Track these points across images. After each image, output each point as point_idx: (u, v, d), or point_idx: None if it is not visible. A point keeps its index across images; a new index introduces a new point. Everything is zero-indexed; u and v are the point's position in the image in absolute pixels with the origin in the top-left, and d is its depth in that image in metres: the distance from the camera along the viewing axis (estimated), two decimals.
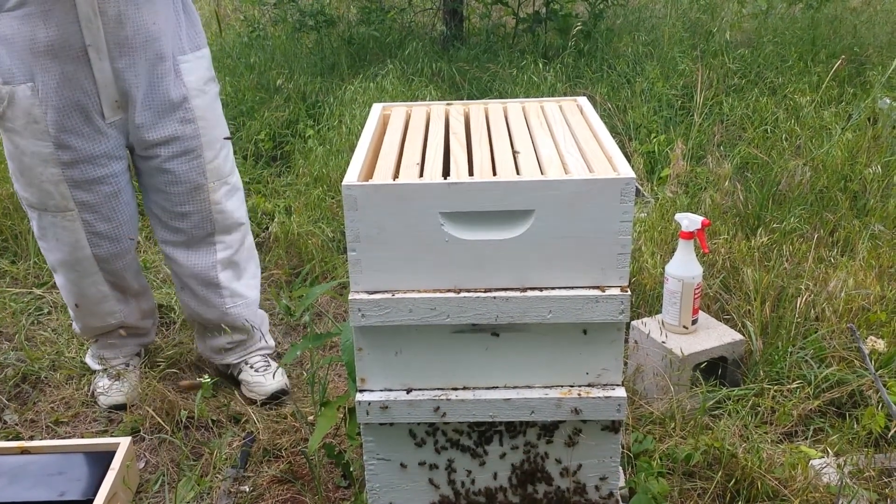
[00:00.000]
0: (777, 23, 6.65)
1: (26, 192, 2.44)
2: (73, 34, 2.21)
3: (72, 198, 2.40)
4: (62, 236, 2.46)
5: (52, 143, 2.32)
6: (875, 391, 2.43)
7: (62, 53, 2.23)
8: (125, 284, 2.63)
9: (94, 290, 2.58)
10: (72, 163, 2.36)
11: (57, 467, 2.26)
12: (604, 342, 1.71)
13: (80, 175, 2.38)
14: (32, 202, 2.45)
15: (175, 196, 2.51)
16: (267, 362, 2.76)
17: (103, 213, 2.46)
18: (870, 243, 3.29)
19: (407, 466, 1.83)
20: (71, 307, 2.67)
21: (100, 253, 2.51)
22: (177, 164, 2.47)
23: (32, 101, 2.27)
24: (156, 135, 2.42)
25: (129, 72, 2.31)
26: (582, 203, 1.59)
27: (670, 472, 2.26)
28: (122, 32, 2.26)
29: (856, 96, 4.90)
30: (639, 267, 3.10)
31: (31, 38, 2.21)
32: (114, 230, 2.50)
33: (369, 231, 1.62)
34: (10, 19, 2.21)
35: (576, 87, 5.30)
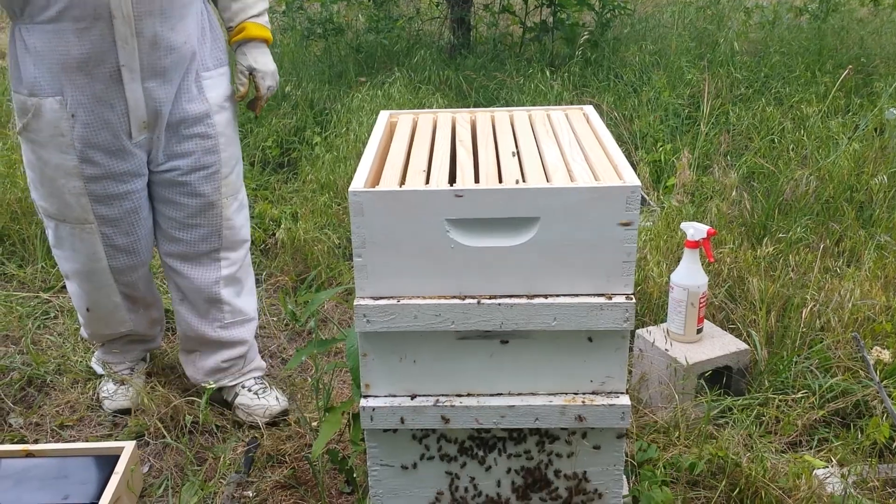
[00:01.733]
0: (783, 33, 6.66)
1: (45, 202, 2.43)
2: (107, 53, 2.20)
3: (92, 211, 2.39)
4: (79, 247, 2.45)
5: (76, 156, 2.31)
6: (880, 401, 2.42)
7: (94, 71, 2.21)
8: (138, 295, 2.62)
9: (107, 300, 2.57)
10: (95, 178, 2.34)
11: (61, 471, 2.27)
12: (608, 350, 1.71)
13: (102, 190, 2.37)
14: (51, 212, 2.44)
15: (187, 208, 2.49)
16: (263, 384, 2.72)
17: (122, 228, 2.45)
18: (876, 254, 3.29)
19: (410, 473, 1.83)
20: (81, 313, 2.66)
21: (116, 265, 2.50)
22: (194, 177, 2.46)
23: (60, 114, 2.26)
24: (176, 148, 2.42)
25: (160, 91, 2.30)
26: (587, 211, 1.60)
27: (674, 481, 2.25)
28: (156, 53, 2.25)
29: (862, 107, 4.89)
30: (644, 275, 3.10)
31: (64, 53, 2.19)
32: (132, 244, 2.49)
33: (375, 237, 1.62)
34: (42, 32, 2.19)
35: (582, 95, 5.30)
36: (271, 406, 2.64)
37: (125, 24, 2.18)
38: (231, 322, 2.65)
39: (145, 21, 2.20)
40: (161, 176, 2.46)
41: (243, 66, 2.50)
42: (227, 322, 2.65)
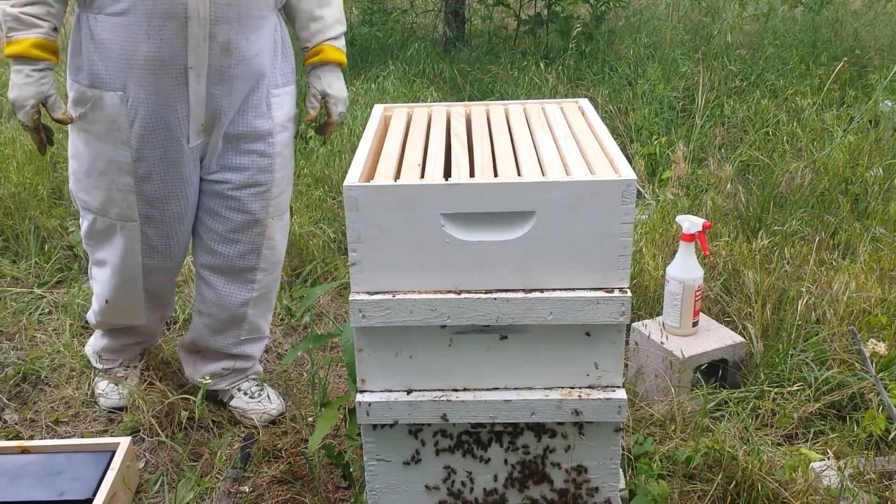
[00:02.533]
0: (778, 25, 6.66)
1: (88, 195, 2.35)
2: (177, 54, 2.14)
3: (137, 210, 2.32)
4: (116, 242, 2.39)
5: (131, 154, 2.24)
6: (876, 394, 2.43)
7: (161, 71, 2.15)
8: (161, 294, 2.58)
9: (130, 295, 2.51)
10: (147, 177, 2.28)
11: (57, 467, 2.26)
12: (604, 344, 1.71)
13: (152, 191, 2.31)
14: (92, 206, 2.36)
15: (231, 222, 2.43)
16: (260, 386, 2.68)
17: (163, 230, 2.38)
18: (871, 246, 3.29)
19: (407, 468, 1.83)
20: (99, 301, 2.57)
21: (150, 263, 2.43)
22: (244, 193, 2.40)
23: (120, 110, 2.20)
24: (232, 161, 2.36)
25: (224, 98, 2.25)
26: (583, 204, 1.59)
27: (670, 475, 2.26)
28: (227, 60, 2.20)
29: (857, 99, 4.90)
30: (640, 269, 3.10)
31: (131, 49, 2.13)
32: (169, 247, 2.43)
33: (370, 232, 1.62)
34: (110, 24, 2.13)
35: (577, 88, 5.30)
36: (268, 410, 2.62)
37: (200, 26, 2.12)
38: (246, 339, 2.62)
39: (221, 26, 2.15)
40: (210, 186, 2.40)
41: (317, 89, 2.44)
42: (243, 339, 2.62)
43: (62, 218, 3.83)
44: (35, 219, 3.77)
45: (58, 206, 3.94)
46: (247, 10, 2.18)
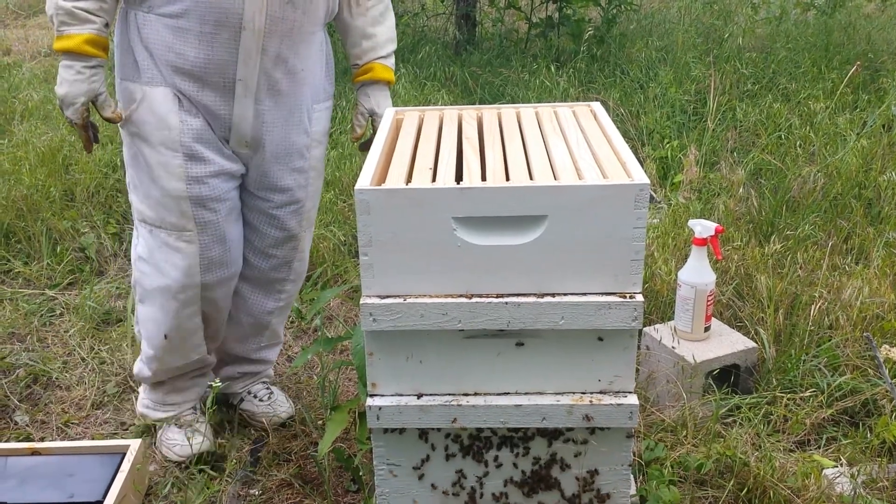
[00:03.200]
0: (790, 28, 6.63)
1: (144, 204, 2.24)
2: (227, 65, 2.09)
3: (193, 216, 2.20)
4: (174, 259, 2.24)
5: (182, 153, 2.15)
6: (889, 400, 2.41)
7: (208, 79, 2.11)
8: (218, 316, 2.41)
9: (190, 322, 2.33)
10: (200, 178, 2.18)
11: (67, 469, 2.26)
12: (616, 349, 1.70)
13: (207, 191, 2.20)
14: (148, 216, 2.24)
15: (269, 238, 2.40)
16: (270, 390, 2.68)
17: (219, 235, 2.26)
18: (884, 251, 3.27)
19: (417, 472, 1.82)
20: (154, 344, 2.37)
21: (209, 280, 2.28)
22: (284, 212, 2.37)
23: (171, 107, 2.12)
24: (276, 182, 2.32)
25: (269, 114, 2.21)
26: (595, 209, 1.59)
27: (682, 481, 2.24)
28: (276, 74, 2.16)
29: (870, 103, 4.87)
30: (651, 273, 3.09)
31: (180, 53, 2.08)
32: (225, 254, 2.29)
33: (381, 235, 1.61)
34: (159, 25, 2.08)
35: (588, 92, 5.29)
36: (278, 413, 2.62)
37: (254, 38, 2.08)
38: (266, 345, 2.63)
39: (273, 39, 2.11)
40: (252, 200, 2.35)
41: (365, 108, 2.41)
42: (263, 345, 2.62)
43: (74, 220, 3.84)
44: (47, 220, 3.78)
45: (70, 208, 3.95)
46: (300, 24, 2.15)
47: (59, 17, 2.01)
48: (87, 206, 3.98)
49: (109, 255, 3.71)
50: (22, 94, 5.73)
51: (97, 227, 3.83)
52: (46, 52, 7.62)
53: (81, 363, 2.96)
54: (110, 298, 3.39)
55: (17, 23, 9.29)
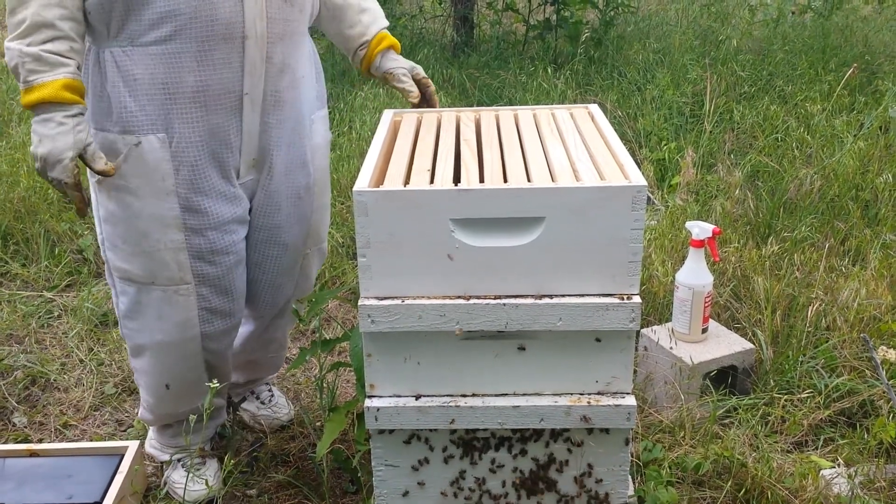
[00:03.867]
0: (787, 31, 6.64)
1: (128, 263, 2.02)
2: (232, 80, 1.91)
3: (191, 269, 2.02)
4: (169, 314, 2.06)
5: (178, 204, 1.95)
6: (886, 400, 2.42)
7: (213, 102, 1.91)
8: (222, 364, 2.25)
9: (192, 373, 2.18)
10: (199, 229, 2.00)
11: (65, 470, 2.26)
12: (614, 350, 1.70)
13: (206, 244, 2.02)
14: (134, 275, 2.03)
15: (275, 269, 2.25)
16: (271, 392, 2.67)
17: (222, 287, 2.09)
18: (881, 253, 3.28)
19: (415, 473, 1.82)
20: (153, 392, 2.22)
21: (209, 330, 2.12)
22: (290, 235, 2.21)
23: (163, 154, 1.91)
24: (280, 201, 2.14)
25: (276, 128, 2.05)
26: (593, 210, 1.59)
27: (679, 482, 2.25)
28: (281, 83, 2.01)
29: (867, 105, 4.88)
30: (649, 275, 3.10)
31: (175, 81, 1.86)
32: (229, 304, 2.13)
33: (380, 237, 1.62)
34: (145, 56, 1.85)
35: (586, 94, 5.30)
36: (279, 416, 2.61)
37: (258, 46, 1.91)
38: (273, 355, 2.58)
39: (276, 45, 1.95)
40: (258, 233, 2.18)
41: (403, 67, 2.24)
42: (271, 355, 2.57)
43: (72, 222, 3.84)
44: (45, 223, 3.78)
45: (68, 210, 3.95)
46: (297, 24, 2.02)
47: (27, 65, 1.75)
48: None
49: None
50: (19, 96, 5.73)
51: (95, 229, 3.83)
52: None
53: (79, 365, 2.96)
54: (108, 300, 3.38)
55: None
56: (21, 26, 1.74)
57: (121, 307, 2.12)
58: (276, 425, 2.61)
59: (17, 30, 1.75)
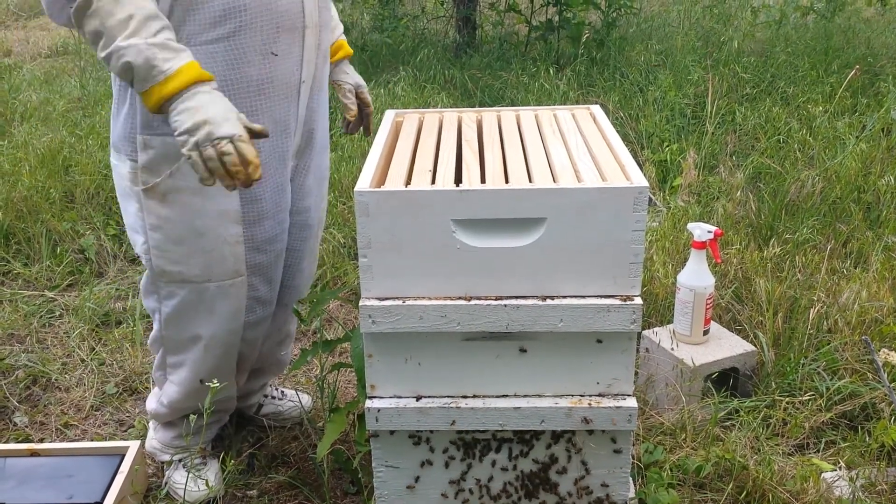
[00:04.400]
0: (790, 32, 6.64)
1: (182, 264, 2.01)
2: (293, 70, 1.95)
3: (245, 261, 2.05)
4: (221, 308, 2.08)
5: (238, 198, 1.98)
6: (888, 403, 2.41)
7: (276, 92, 1.94)
8: (251, 353, 2.28)
9: (227, 364, 2.20)
10: (257, 220, 2.03)
11: (66, 470, 2.26)
12: (615, 351, 1.70)
13: (262, 234, 2.05)
14: (188, 275, 2.03)
15: (302, 252, 2.28)
16: (277, 389, 2.66)
17: (269, 275, 2.14)
18: (883, 255, 3.27)
19: (415, 474, 1.82)
20: (186, 386, 2.21)
21: (251, 319, 2.16)
22: (315, 218, 2.26)
23: None
24: (311, 186, 2.19)
25: (317, 112, 2.11)
26: (594, 211, 1.59)
27: (681, 484, 2.24)
28: (324, 69, 2.08)
29: (869, 107, 4.88)
30: (650, 276, 3.09)
31: (238, 76, 1.87)
32: (271, 292, 2.18)
33: (381, 237, 1.62)
34: (205, 56, 1.83)
35: (588, 95, 5.29)
36: (303, 404, 2.59)
37: (313, 35, 1.96)
38: (284, 351, 2.54)
39: (323, 32, 2.01)
40: (292, 217, 2.19)
41: (350, 83, 2.31)
42: (283, 353, 2.53)
43: (74, 221, 3.85)
44: (47, 222, 3.78)
45: (69, 210, 3.95)
46: (328, 12, 2.08)
47: (158, 55, 1.67)
48: (87, 207, 3.98)
49: (109, 256, 3.71)
50: (22, 95, 5.74)
51: (97, 228, 3.84)
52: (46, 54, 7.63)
53: (81, 364, 2.96)
54: (110, 300, 3.39)
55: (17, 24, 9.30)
56: (130, 23, 1.67)
57: (165, 311, 2.11)
58: (302, 415, 2.59)
59: (126, 28, 1.67)
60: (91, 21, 1.67)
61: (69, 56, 7.32)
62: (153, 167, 1.92)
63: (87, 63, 6.46)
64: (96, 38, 1.68)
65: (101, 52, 1.70)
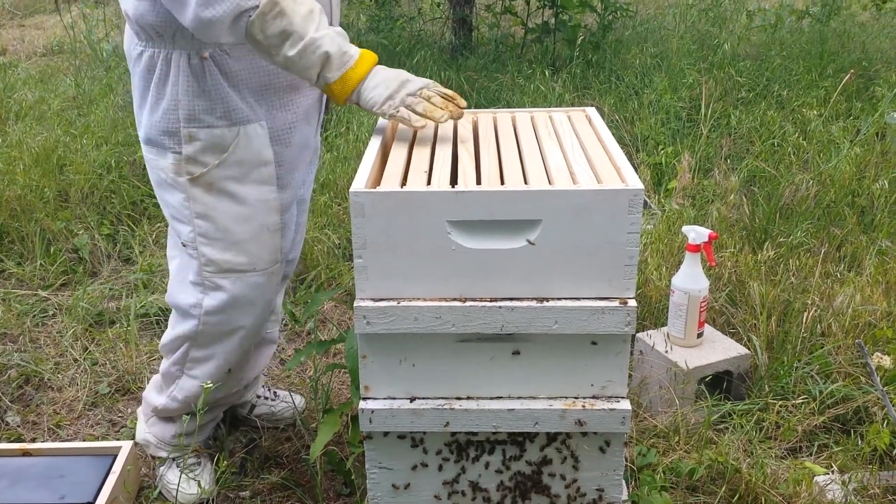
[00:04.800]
0: (785, 36, 6.65)
1: (230, 252, 2.06)
2: None
3: (280, 247, 2.14)
4: (260, 296, 2.14)
5: (276, 186, 2.06)
6: (881, 407, 2.42)
7: (304, 86, 2.05)
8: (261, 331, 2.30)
9: (248, 352, 2.30)
10: (287, 206, 2.14)
11: (58, 470, 2.26)
12: (609, 354, 1.70)
13: (288, 218, 2.16)
14: (235, 264, 2.08)
15: (299, 225, 2.34)
16: (269, 388, 2.66)
17: (284, 254, 2.21)
18: (877, 259, 3.28)
19: (409, 475, 1.82)
20: (215, 378, 2.22)
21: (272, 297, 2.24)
22: (306, 191, 2.31)
23: (265, 140, 2.01)
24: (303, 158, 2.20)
25: (321, 96, 2.18)
26: (589, 214, 1.59)
27: (674, 487, 2.24)
28: None
29: (864, 111, 4.89)
30: (645, 279, 3.10)
31: (274, 71, 1.97)
32: (283, 268, 2.24)
33: (376, 238, 1.61)
34: (245, 53, 1.94)
35: (583, 97, 5.30)
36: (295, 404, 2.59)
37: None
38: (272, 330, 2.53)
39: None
40: None
41: None
42: (269, 330, 2.50)
43: (68, 220, 3.84)
44: (41, 221, 3.77)
45: (64, 209, 3.94)
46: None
47: (345, 44, 1.84)
48: (81, 206, 3.97)
49: (103, 256, 3.70)
50: (17, 94, 5.72)
51: (91, 228, 3.83)
52: (42, 53, 7.61)
53: (73, 364, 2.95)
54: (103, 299, 3.38)
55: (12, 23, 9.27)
56: (314, 16, 1.80)
57: (210, 304, 2.12)
58: (294, 416, 2.59)
59: (313, 21, 1.79)
60: (277, 22, 1.76)
61: (64, 55, 7.30)
62: (199, 158, 1.98)
63: (82, 62, 6.44)
64: (284, 37, 1.77)
65: (292, 49, 1.78)
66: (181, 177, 2.01)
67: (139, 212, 4.04)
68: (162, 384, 2.32)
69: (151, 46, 1.95)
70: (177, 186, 2.03)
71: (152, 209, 4.03)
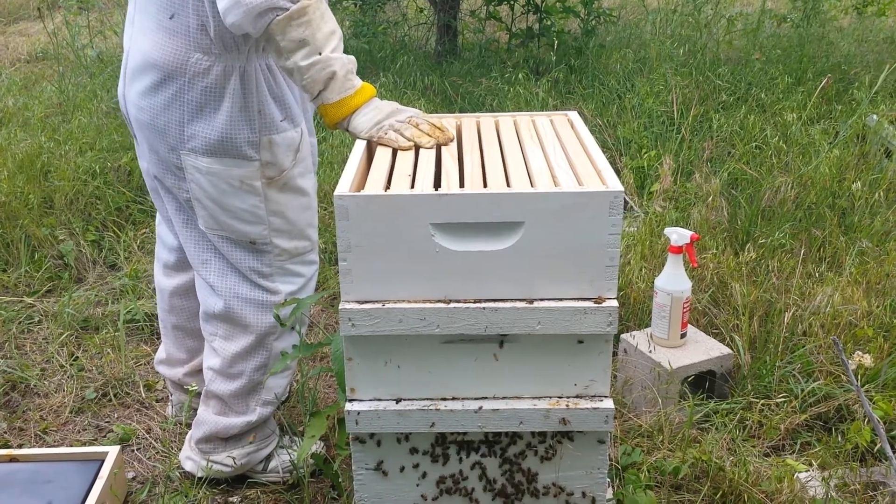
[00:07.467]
0: (766, 41, 6.71)
1: (299, 240, 2.26)
2: None
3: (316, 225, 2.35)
4: (315, 272, 2.36)
5: (314, 172, 2.30)
6: (861, 405, 2.45)
7: (307, 103, 2.23)
8: None
9: None
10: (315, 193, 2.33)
11: (45, 476, 2.26)
12: (592, 354, 1.72)
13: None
14: (302, 248, 2.28)
15: None
16: None
17: None
18: (857, 259, 3.32)
19: (395, 477, 1.83)
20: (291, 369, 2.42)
21: None
22: None
23: (307, 138, 2.22)
24: None
25: None
26: (571, 215, 1.61)
27: (658, 485, 2.27)
28: None
29: (843, 113, 4.94)
30: (628, 280, 3.12)
31: (292, 91, 2.16)
32: None
33: (360, 241, 1.63)
34: (269, 72, 2.11)
35: (567, 102, 5.33)
36: None
37: None
38: None
39: None
40: None
41: None
42: None
43: (53, 227, 3.83)
44: (25, 227, 3.76)
45: (48, 215, 3.94)
46: None
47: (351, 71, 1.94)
48: (66, 213, 3.96)
49: (88, 262, 3.70)
50: (0, 101, 5.70)
51: (76, 234, 3.82)
52: (25, 59, 7.58)
53: (60, 370, 2.95)
54: (89, 305, 3.38)
55: None
56: (334, 38, 1.90)
57: (287, 289, 2.27)
58: None
59: (331, 41, 1.89)
60: (300, 30, 1.84)
61: (48, 61, 7.27)
62: (277, 161, 2.13)
63: (66, 69, 6.42)
64: (301, 45, 1.86)
65: (305, 60, 1.87)
66: (257, 181, 2.12)
67: (124, 217, 4.03)
68: (233, 404, 2.30)
69: (223, 61, 2.01)
70: (251, 191, 2.13)
71: (137, 215, 4.03)
